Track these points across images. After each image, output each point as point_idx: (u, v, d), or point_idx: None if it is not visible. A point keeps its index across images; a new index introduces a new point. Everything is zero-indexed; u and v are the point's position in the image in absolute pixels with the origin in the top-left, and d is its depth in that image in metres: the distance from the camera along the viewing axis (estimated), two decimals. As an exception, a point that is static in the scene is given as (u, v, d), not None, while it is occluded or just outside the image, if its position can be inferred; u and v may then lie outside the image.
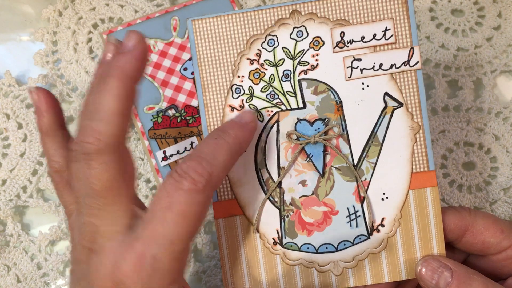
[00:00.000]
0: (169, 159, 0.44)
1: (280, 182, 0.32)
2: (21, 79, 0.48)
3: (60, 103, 0.31)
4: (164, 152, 0.44)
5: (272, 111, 0.33)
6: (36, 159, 0.45)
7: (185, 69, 0.45)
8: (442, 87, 0.45)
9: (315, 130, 0.32)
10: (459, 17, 0.47)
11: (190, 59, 0.46)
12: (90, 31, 0.47)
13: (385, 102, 0.32)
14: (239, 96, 0.33)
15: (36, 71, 0.47)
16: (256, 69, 0.32)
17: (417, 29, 0.44)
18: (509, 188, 0.43)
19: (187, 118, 0.45)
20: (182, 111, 0.45)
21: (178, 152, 0.44)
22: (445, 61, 0.45)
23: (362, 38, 0.32)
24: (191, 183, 0.26)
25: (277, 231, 0.33)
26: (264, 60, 0.32)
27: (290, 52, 0.32)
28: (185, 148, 0.45)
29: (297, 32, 0.32)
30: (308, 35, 0.32)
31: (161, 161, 0.43)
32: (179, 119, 0.44)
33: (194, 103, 0.45)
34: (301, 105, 0.32)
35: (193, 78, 0.45)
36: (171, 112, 0.45)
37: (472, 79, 0.45)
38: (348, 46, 0.32)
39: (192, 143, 0.45)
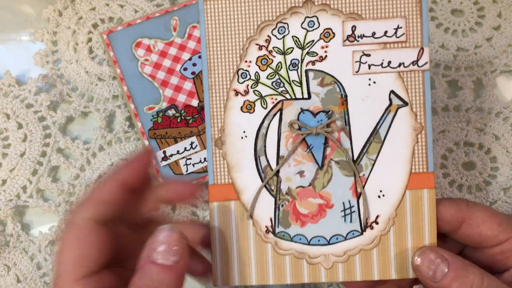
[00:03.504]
0: (169, 159, 0.44)
1: (278, 171, 0.32)
2: (21, 79, 0.47)
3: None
4: (164, 152, 0.44)
5: (276, 99, 0.32)
6: (36, 159, 0.45)
7: (185, 69, 0.45)
8: (442, 87, 0.45)
9: (318, 121, 0.32)
10: (459, 17, 0.47)
11: (190, 59, 0.45)
12: (90, 31, 0.47)
13: (390, 100, 0.32)
14: (244, 81, 0.32)
15: (36, 71, 0.47)
16: (264, 55, 0.32)
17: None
18: (509, 188, 0.43)
19: (187, 118, 0.45)
20: (182, 111, 0.45)
21: (178, 152, 0.44)
22: (445, 61, 0.45)
23: (373, 34, 0.32)
24: None
25: (271, 219, 0.32)
26: (273, 47, 0.32)
27: (299, 42, 0.32)
28: (185, 148, 0.44)
29: (309, 22, 0.32)
30: (319, 25, 0.32)
31: (161, 161, 0.43)
32: (179, 119, 0.45)
33: (194, 103, 0.45)
34: (306, 96, 0.32)
35: (193, 78, 0.45)
36: (171, 112, 0.45)
37: (472, 79, 0.45)
38: (358, 41, 0.32)
39: (192, 143, 0.44)
